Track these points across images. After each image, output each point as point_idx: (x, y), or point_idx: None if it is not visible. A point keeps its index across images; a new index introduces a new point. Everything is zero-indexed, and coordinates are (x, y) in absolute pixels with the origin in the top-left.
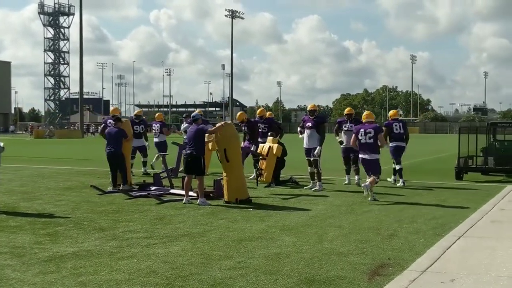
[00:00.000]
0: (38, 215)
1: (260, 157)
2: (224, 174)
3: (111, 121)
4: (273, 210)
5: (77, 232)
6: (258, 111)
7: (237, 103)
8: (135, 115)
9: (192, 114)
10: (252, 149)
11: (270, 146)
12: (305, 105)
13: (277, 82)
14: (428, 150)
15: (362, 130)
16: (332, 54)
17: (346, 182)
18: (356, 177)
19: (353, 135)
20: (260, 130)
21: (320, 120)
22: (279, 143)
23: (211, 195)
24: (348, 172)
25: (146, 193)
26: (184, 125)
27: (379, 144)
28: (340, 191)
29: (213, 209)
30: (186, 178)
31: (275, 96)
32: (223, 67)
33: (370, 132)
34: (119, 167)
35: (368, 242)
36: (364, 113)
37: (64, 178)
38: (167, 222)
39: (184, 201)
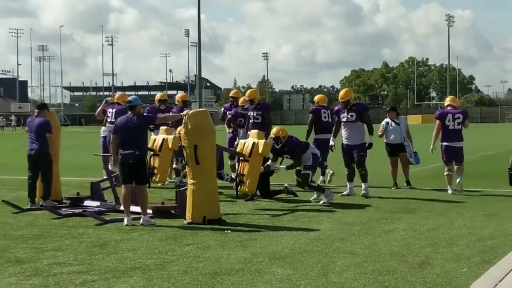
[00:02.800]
0: None
1: (241, 158)
2: (190, 181)
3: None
4: (259, 232)
5: None
6: (248, 93)
7: (208, 84)
8: (159, 100)
9: (129, 98)
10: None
11: (254, 143)
12: (302, 85)
13: (263, 54)
14: (472, 145)
15: (450, 115)
16: (338, 14)
17: (346, 193)
18: (363, 185)
19: (438, 121)
20: (250, 120)
21: (363, 107)
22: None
23: (172, 211)
24: (351, 178)
25: (80, 210)
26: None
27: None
28: (351, 205)
29: (175, 231)
30: (124, 190)
31: (260, 74)
32: (187, 33)
33: (459, 118)
34: (42, 173)
35: (391, 274)
36: (449, 97)
37: None
38: (111, 251)
39: (125, 222)
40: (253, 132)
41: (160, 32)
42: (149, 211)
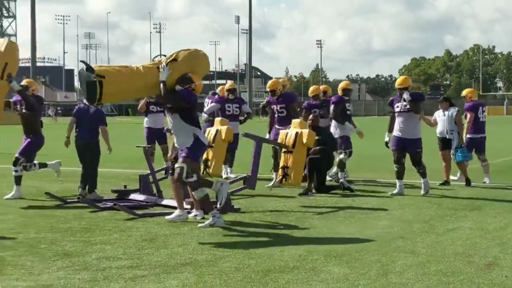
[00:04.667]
0: None
1: (284, 149)
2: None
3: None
4: (313, 228)
5: (32, 259)
6: (311, 89)
7: (258, 73)
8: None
9: None
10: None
11: (297, 133)
12: (358, 75)
13: (317, 41)
14: None
15: (481, 108)
16: None
17: (396, 191)
18: (422, 180)
19: (470, 114)
20: (275, 114)
21: (419, 97)
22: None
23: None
24: (400, 176)
25: (111, 204)
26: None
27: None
28: (410, 201)
29: (225, 226)
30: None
31: (313, 63)
32: (237, 20)
33: (484, 110)
34: (91, 165)
35: (456, 275)
36: (469, 90)
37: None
38: (160, 245)
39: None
40: (295, 121)
41: (209, 19)
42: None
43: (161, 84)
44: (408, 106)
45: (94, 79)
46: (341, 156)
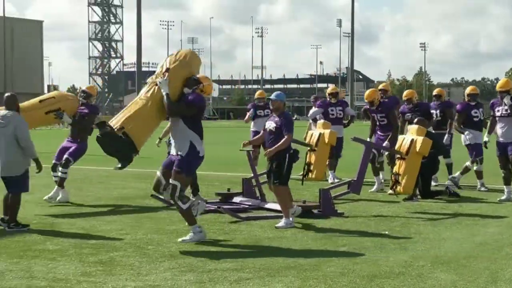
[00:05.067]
0: (85, 236)
1: (397, 156)
2: None
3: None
4: (418, 234)
5: (140, 260)
6: (405, 93)
7: (360, 76)
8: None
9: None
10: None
11: (412, 140)
12: (463, 78)
13: (420, 44)
14: None
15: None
16: (505, 0)
17: (504, 197)
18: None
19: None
20: (376, 123)
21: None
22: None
23: (314, 211)
24: (508, 181)
25: (215, 207)
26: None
27: None
28: None
29: (328, 231)
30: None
31: (416, 66)
32: (339, 23)
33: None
34: None
35: None
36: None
37: (117, 184)
38: (264, 249)
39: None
40: (413, 128)
41: (311, 23)
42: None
43: (165, 97)
44: (509, 111)
45: (119, 135)
46: (475, 166)
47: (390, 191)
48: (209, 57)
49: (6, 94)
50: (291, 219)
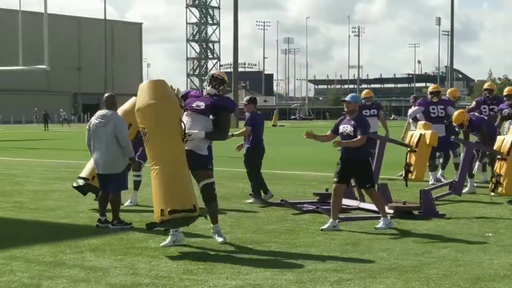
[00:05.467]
0: (186, 235)
1: (498, 156)
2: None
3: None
4: None
5: (240, 258)
6: (507, 89)
7: (459, 75)
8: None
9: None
10: None
11: None
12: None
13: None
14: None
15: None
16: None
17: None
18: None
19: None
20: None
21: None
22: None
23: (415, 212)
24: None
25: (314, 207)
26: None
27: None
28: None
29: (429, 233)
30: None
31: None
32: (438, 21)
33: None
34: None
35: None
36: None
37: (216, 183)
38: (364, 250)
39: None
40: None
41: (409, 21)
42: (390, 211)
43: (203, 136)
44: None
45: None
46: None
47: (492, 194)
48: (305, 57)
49: (106, 95)
50: (389, 219)
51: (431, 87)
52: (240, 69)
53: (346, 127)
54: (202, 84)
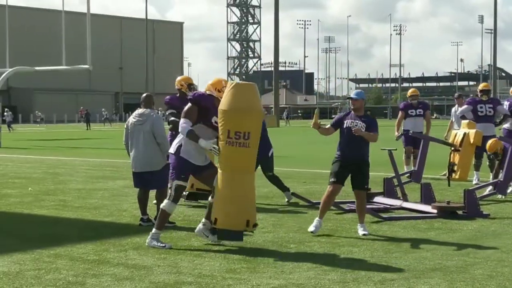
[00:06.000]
0: None
1: None
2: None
3: None
4: None
5: (283, 258)
6: None
7: (503, 74)
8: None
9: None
10: None
11: None
12: None
13: None
14: None
15: None
16: None
17: None
18: None
19: None
20: None
21: None
22: None
23: (459, 212)
24: None
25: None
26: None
27: None
28: None
29: (474, 233)
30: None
31: None
32: (481, 19)
33: None
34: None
35: None
36: None
37: (258, 183)
38: (408, 249)
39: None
40: None
41: (451, 19)
42: (434, 210)
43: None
44: None
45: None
46: None
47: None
48: (346, 55)
49: (144, 94)
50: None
51: (481, 85)
52: (280, 68)
53: (356, 123)
54: (244, 81)
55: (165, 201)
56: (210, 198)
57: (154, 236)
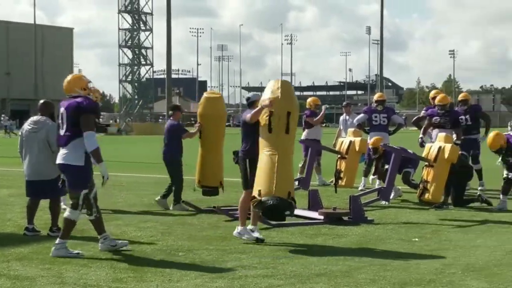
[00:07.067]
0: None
1: (426, 163)
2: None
3: None
4: (449, 242)
5: (171, 266)
6: (439, 97)
7: (389, 84)
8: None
9: (248, 95)
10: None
11: (440, 147)
12: (492, 85)
13: (449, 51)
14: None
15: None
16: None
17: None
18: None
19: None
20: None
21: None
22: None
23: (345, 218)
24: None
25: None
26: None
27: None
28: None
29: (359, 238)
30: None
31: (446, 73)
32: (369, 30)
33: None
34: (170, 177)
35: None
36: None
37: (148, 190)
38: (294, 255)
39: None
40: (441, 135)
41: (340, 29)
42: (321, 216)
43: None
44: None
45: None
46: None
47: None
48: (239, 64)
49: (41, 101)
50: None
51: (376, 95)
52: (173, 76)
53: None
54: (135, 90)
55: (71, 209)
56: (67, 213)
57: (60, 246)
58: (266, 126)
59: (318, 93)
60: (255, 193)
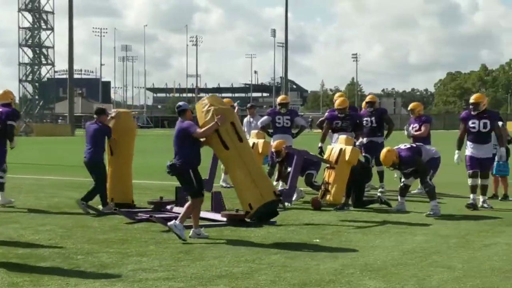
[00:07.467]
0: (13, 244)
1: (327, 165)
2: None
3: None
4: (349, 242)
5: (69, 270)
6: (338, 101)
7: (294, 86)
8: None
9: (178, 104)
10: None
11: (341, 149)
12: (393, 89)
13: (352, 55)
14: None
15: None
16: (433, 12)
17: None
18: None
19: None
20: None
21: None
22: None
23: (247, 220)
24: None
25: (147, 216)
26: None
27: None
28: (447, 216)
29: (261, 240)
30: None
31: (349, 76)
32: (273, 33)
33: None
34: (95, 181)
35: None
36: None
37: (47, 193)
38: (196, 257)
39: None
40: (342, 138)
41: (245, 32)
42: (223, 218)
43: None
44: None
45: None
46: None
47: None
48: (143, 65)
49: None
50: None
51: (279, 98)
52: (76, 76)
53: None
54: (36, 90)
55: None
56: None
57: None
58: (219, 144)
59: (224, 95)
60: (245, 208)
